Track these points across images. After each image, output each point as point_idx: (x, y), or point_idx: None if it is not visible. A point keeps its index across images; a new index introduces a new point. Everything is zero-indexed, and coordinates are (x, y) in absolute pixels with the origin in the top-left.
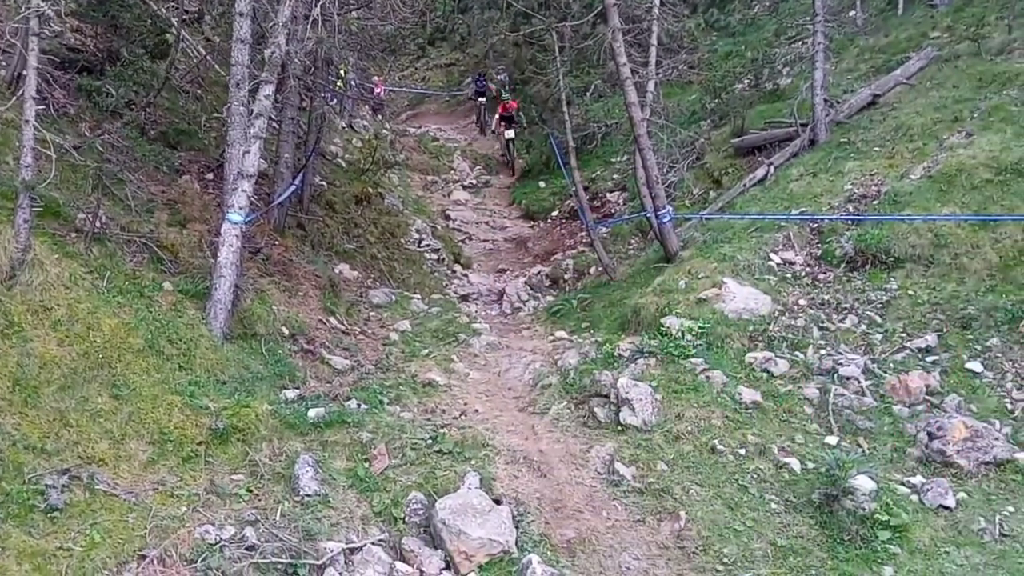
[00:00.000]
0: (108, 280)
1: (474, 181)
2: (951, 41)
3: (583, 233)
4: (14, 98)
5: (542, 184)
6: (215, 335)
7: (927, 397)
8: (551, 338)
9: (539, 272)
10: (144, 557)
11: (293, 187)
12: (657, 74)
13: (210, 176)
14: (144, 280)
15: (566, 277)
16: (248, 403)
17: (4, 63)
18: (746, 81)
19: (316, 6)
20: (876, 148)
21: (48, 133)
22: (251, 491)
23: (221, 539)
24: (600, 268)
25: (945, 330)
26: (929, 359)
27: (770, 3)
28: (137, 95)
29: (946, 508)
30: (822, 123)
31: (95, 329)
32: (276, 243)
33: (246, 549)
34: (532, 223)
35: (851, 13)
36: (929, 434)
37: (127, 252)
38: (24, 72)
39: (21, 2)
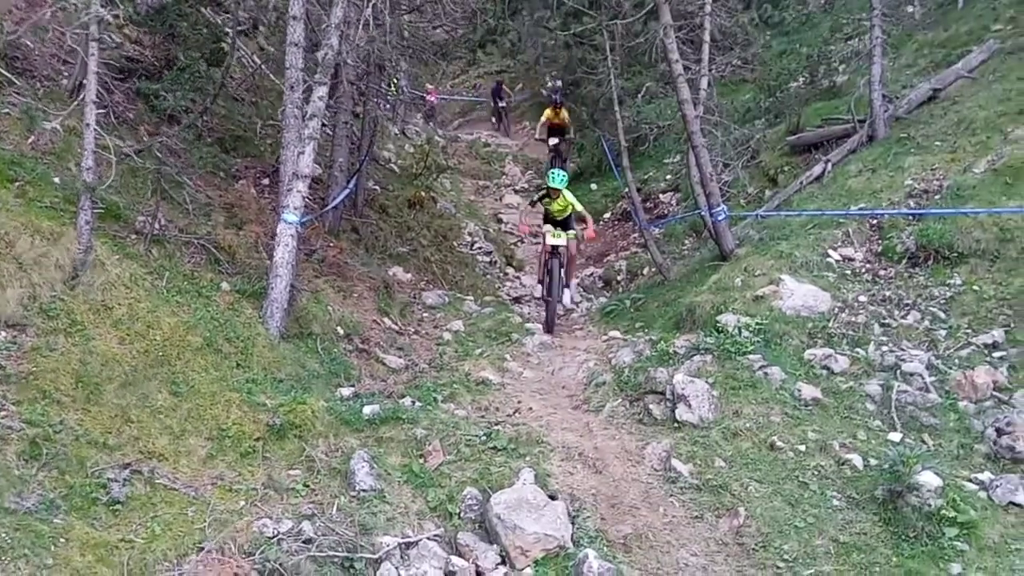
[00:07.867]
0: (167, 280)
1: (525, 185)
2: (1015, 33)
3: (635, 235)
4: (75, 103)
5: (594, 187)
6: (272, 334)
7: (995, 393)
8: (604, 337)
9: (592, 274)
10: (203, 549)
11: (347, 191)
12: (710, 71)
13: (266, 181)
14: (202, 280)
15: (619, 278)
16: (304, 400)
17: (66, 73)
18: (801, 79)
19: (368, 6)
20: (937, 143)
21: (109, 138)
22: (308, 486)
23: (279, 532)
24: (653, 269)
25: (1012, 326)
26: (996, 355)
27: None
28: (194, 101)
29: (1017, 505)
30: (880, 119)
31: (155, 328)
32: (331, 245)
33: (303, 542)
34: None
35: (909, 8)
36: (998, 430)
37: (185, 253)
38: (85, 80)
39: (81, 9)
